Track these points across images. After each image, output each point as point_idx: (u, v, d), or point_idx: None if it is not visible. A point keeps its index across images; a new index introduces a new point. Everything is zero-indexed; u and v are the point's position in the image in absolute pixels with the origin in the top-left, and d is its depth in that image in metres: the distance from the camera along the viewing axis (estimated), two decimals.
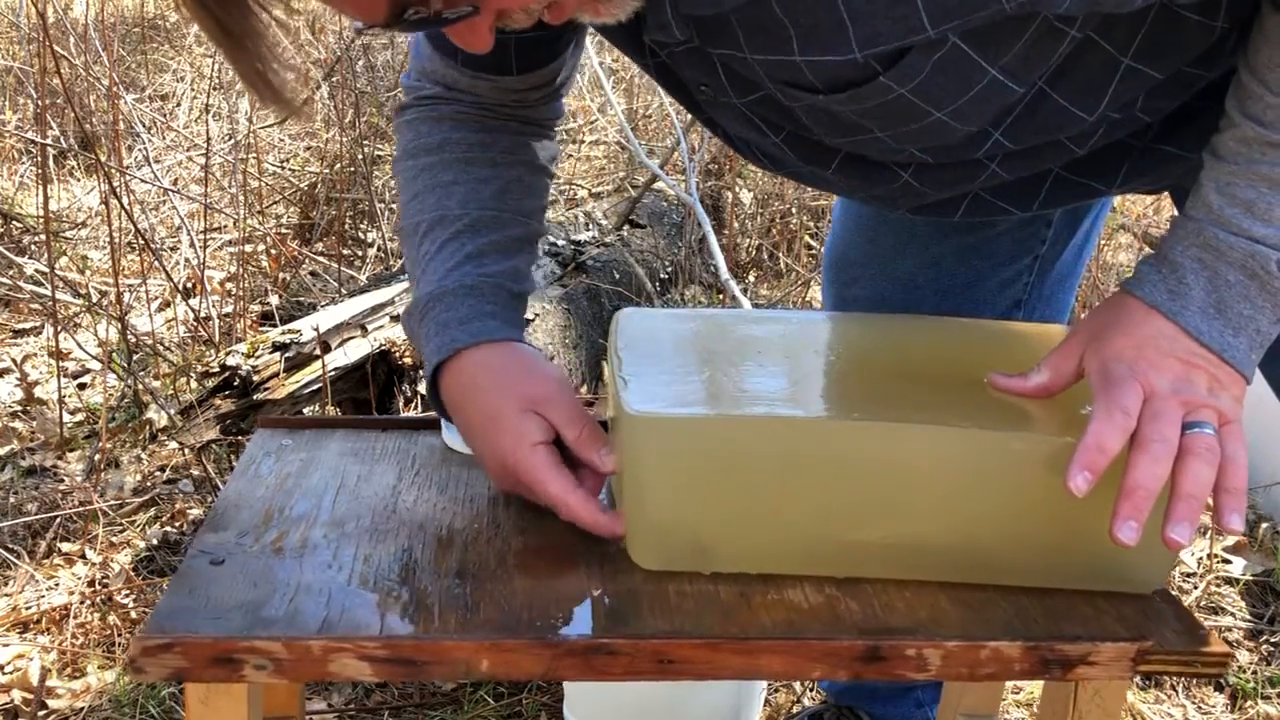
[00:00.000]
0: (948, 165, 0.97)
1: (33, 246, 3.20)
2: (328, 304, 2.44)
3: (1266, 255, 0.81)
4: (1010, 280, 1.26)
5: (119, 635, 1.73)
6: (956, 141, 0.92)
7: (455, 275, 0.98)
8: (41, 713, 1.57)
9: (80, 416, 2.40)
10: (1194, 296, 0.82)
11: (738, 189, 3.58)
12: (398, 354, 2.11)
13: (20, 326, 2.84)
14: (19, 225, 3.33)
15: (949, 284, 1.25)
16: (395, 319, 2.19)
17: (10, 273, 2.98)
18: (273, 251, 3.14)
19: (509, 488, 0.95)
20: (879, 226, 1.28)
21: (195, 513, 2.05)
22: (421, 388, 2.07)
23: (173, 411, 2.20)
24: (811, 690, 1.69)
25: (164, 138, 3.77)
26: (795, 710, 1.64)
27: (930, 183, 1.00)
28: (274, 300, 2.81)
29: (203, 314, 2.67)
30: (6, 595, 1.81)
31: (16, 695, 1.61)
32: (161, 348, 2.59)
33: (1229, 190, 0.82)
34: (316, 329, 2.07)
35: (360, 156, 3.38)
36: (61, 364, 2.47)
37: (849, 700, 1.49)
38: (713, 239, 2.70)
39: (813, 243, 3.58)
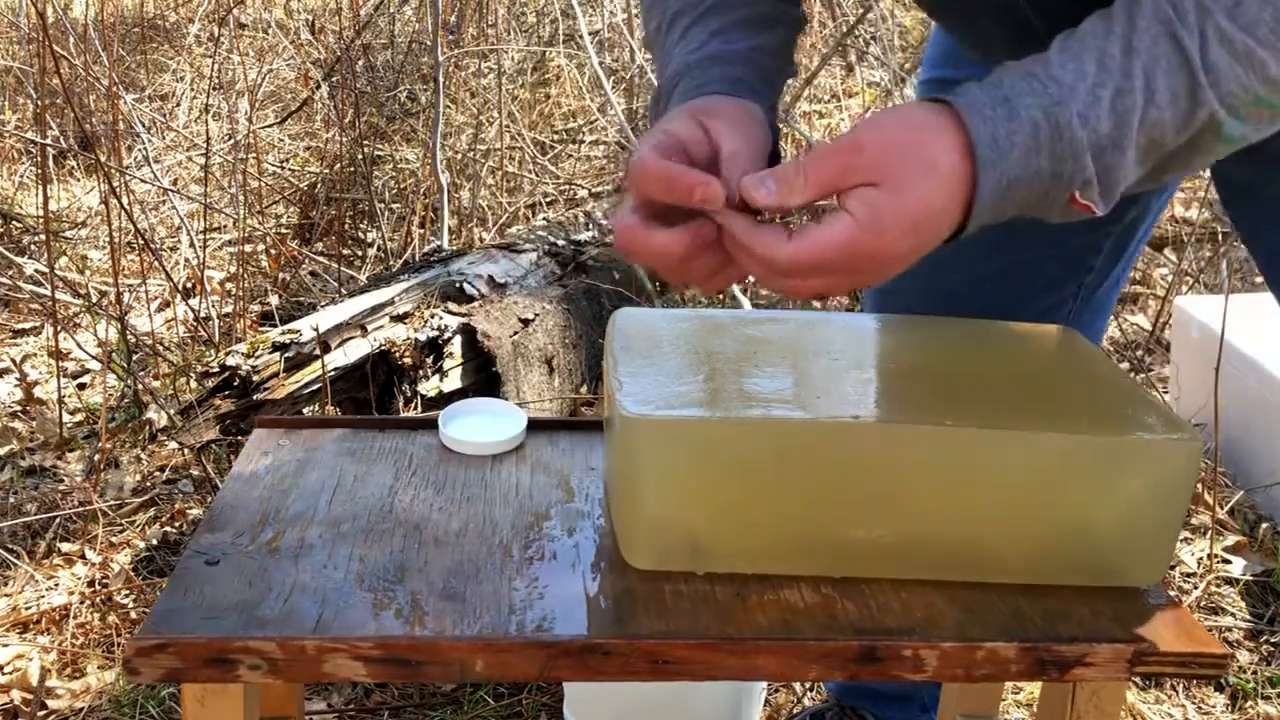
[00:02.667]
0: None
1: (33, 246, 3.20)
2: (328, 304, 2.44)
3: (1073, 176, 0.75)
4: (1055, 306, 1.25)
5: (119, 635, 1.73)
6: None
7: (700, 51, 0.94)
8: (41, 713, 1.57)
9: (80, 416, 2.40)
10: (1012, 161, 0.74)
11: None
12: (397, 354, 2.11)
13: (20, 326, 2.84)
14: (19, 225, 3.33)
15: (991, 304, 1.23)
16: (395, 319, 2.19)
17: (10, 273, 2.98)
18: (272, 251, 3.14)
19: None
20: None
21: (195, 513, 2.05)
22: (421, 388, 2.07)
23: (173, 411, 2.20)
24: (812, 691, 1.68)
25: (164, 138, 3.77)
26: (796, 710, 1.63)
27: (1043, 13, 0.90)
28: (274, 300, 2.81)
29: (202, 314, 2.67)
30: (6, 595, 1.81)
31: (16, 695, 1.62)
32: (161, 348, 2.59)
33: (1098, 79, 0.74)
34: (316, 329, 2.07)
35: (360, 156, 3.38)
36: (61, 364, 2.47)
37: (852, 700, 1.49)
38: None
39: None
